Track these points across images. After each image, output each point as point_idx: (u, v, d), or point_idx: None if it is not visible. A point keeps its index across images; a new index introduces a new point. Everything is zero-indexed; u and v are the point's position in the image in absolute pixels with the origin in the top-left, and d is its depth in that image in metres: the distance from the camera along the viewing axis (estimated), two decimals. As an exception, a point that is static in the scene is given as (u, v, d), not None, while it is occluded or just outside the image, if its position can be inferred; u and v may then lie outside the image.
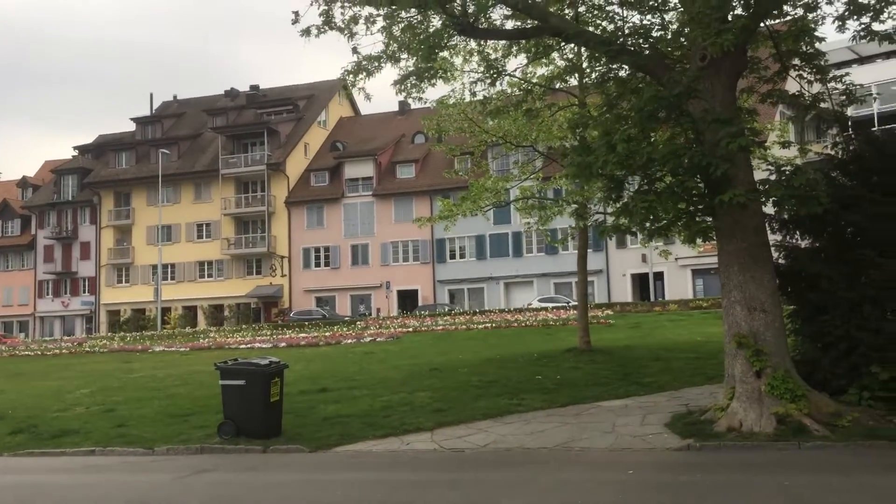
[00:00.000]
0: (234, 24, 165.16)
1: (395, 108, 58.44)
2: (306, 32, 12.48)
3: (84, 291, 60.14)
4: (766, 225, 11.61)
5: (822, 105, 12.13)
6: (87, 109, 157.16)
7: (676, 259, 41.79)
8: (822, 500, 7.15)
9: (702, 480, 8.29)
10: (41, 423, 14.54)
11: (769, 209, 11.53)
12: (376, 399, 14.43)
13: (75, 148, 66.41)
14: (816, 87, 12.22)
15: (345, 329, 33.90)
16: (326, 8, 12.38)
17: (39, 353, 34.02)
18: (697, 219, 11.13)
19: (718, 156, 9.87)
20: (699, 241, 12.13)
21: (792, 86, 12.57)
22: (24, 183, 65.84)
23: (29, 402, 17.58)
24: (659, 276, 45.80)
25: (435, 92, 61.52)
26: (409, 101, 14.13)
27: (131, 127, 64.75)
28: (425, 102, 14.66)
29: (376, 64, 12.38)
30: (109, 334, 48.55)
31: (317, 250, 54.49)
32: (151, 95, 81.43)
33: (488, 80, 14.03)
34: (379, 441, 11.57)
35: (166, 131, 62.62)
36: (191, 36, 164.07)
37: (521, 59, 15.28)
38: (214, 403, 12.76)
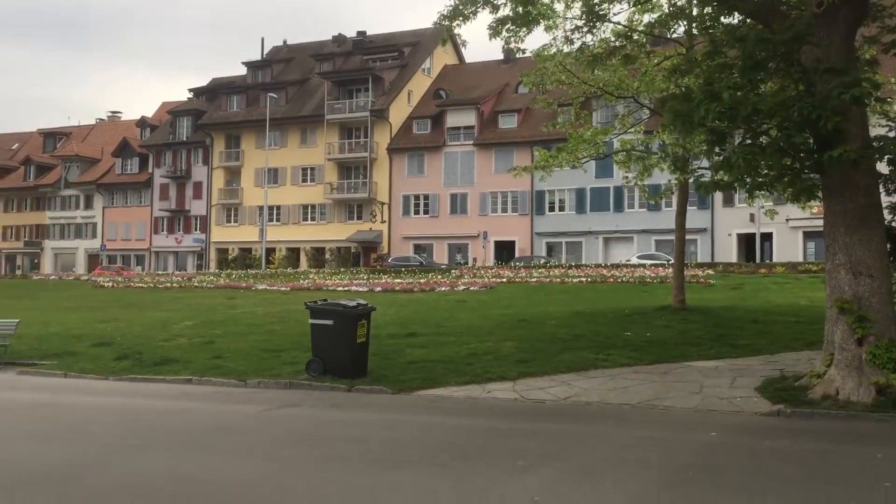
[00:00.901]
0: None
1: (500, 56, 57.66)
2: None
3: (196, 229, 62.72)
4: (880, 185, 10.89)
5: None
6: (203, 52, 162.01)
7: (787, 220, 40.07)
8: (915, 476, 6.75)
9: (787, 447, 7.98)
10: (146, 350, 15.36)
11: (883, 167, 10.80)
12: (462, 346, 14.52)
13: (190, 90, 68.71)
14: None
15: (440, 277, 34.18)
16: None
17: (152, 285, 35.84)
18: (804, 175, 10.55)
19: (830, 108, 9.25)
20: (806, 200, 11.55)
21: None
22: (142, 123, 68.68)
23: (137, 330, 18.58)
24: (767, 237, 44.03)
25: (535, 40, 59.49)
26: (512, 48, 13.84)
27: (243, 71, 66.37)
28: (523, 53, 14.31)
29: (472, 8, 12.13)
30: (217, 271, 50.62)
31: (416, 198, 54.89)
32: (262, 40, 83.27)
33: (587, 28, 13.53)
34: (461, 388, 11.65)
35: (276, 76, 63.87)
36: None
37: (625, 5, 14.68)
38: (307, 342, 13.12)
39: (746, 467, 7.28)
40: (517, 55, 17.62)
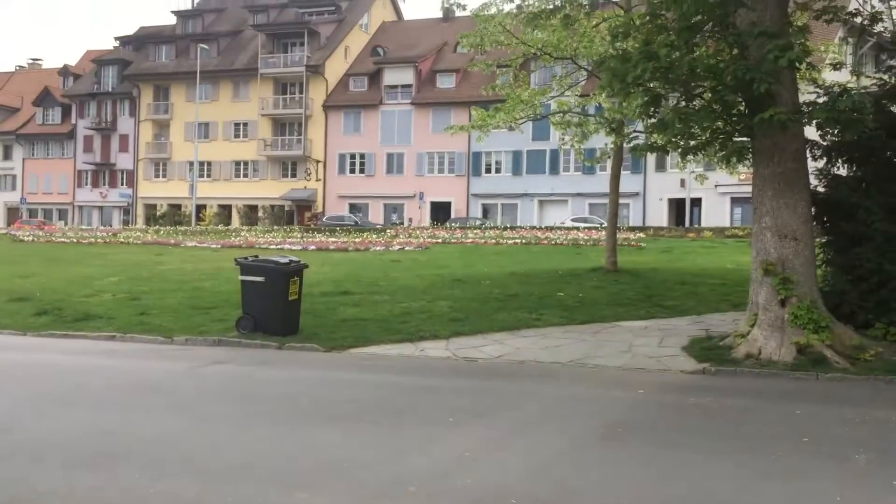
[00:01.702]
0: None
1: (440, 14, 57.00)
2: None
3: (122, 183, 60.85)
4: (807, 151, 11.13)
5: (882, 26, 11.43)
6: (130, 0, 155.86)
7: (716, 186, 40.94)
8: (829, 431, 6.99)
9: (711, 404, 8.17)
10: (67, 306, 14.84)
11: (812, 134, 11.03)
12: (396, 305, 14.45)
13: (117, 39, 66.05)
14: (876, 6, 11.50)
15: (375, 236, 33.97)
16: None
17: (75, 240, 34.66)
18: (735, 139, 10.69)
19: (763, 71, 9.35)
20: (736, 163, 11.75)
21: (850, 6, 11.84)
22: (65, 71, 65.90)
23: (58, 286, 17.92)
24: (697, 202, 45.02)
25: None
26: (452, 6, 13.59)
27: (173, 20, 64.13)
28: (463, 10, 14.08)
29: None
30: (145, 227, 49.31)
31: (352, 156, 54.26)
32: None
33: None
34: (394, 346, 11.59)
35: (207, 26, 61.91)
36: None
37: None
38: (237, 299, 12.86)
39: (672, 423, 7.43)
40: (457, 13, 17.39)
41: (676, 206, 46.48)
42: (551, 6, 15.48)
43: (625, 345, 11.38)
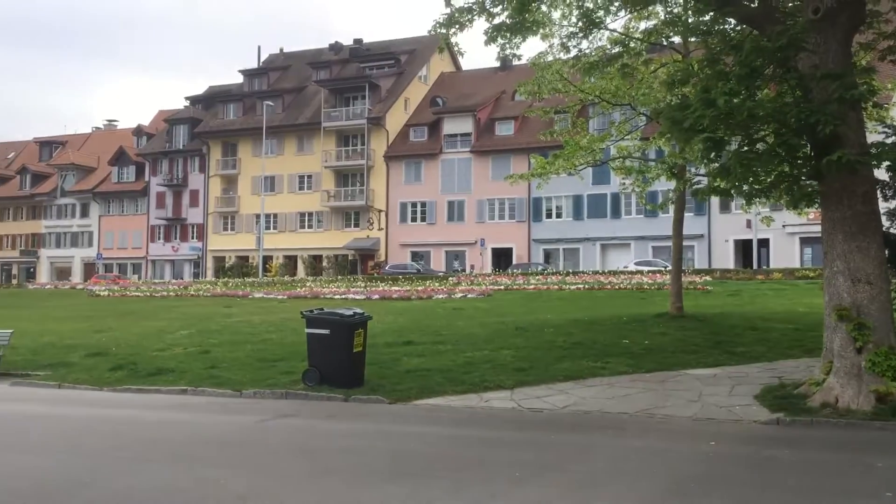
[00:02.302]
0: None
1: (497, 63, 57.66)
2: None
3: (192, 237, 62.62)
4: (878, 192, 10.85)
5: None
6: (200, 61, 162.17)
7: (784, 226, 40.05)
8: (917, 485, 6.69)
9: (788, 456, 7.91)
10: (141, 361, 15.26)
11: (881, 174, 10.76)
12: (460, 355, 14.44)
13: (186, 98, 68.69)
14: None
15: (437, 284, 34.13)
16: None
17: (148, 294, 35.74)
18: (801, 182, 10.50)
19: (828, 113, 9.21)
20: (804, 207, 11.53)
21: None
22: (138, 131, 68.64)
23: (133, 340, 18.47)
24: (764, 242, 44.03)
25: (531, 47, 59.47)
26: (508, 56, 13.74)
27: (239, 79, 66.36)
28: (519, 59, 14.24)
29: (468, 17, 12.10)
30: (214, 279, 50.51)
31: (413, 205, 54.86)
32: (259, 48, 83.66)
33: (582, 35, 13.49)
34: (458, 397, 11.57)
35: (272, 84, 63.89)
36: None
37: (621, 13, 14.64)
38: (303, 351, 13.04)
39: (747, 478, 7.20)
40: (513, 62, 17.58)
41: (743, 248, 45.54)
42: (608, 55, 15.51)
43: (694, 394, 11.13)
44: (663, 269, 37.25)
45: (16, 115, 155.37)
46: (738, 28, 11.82)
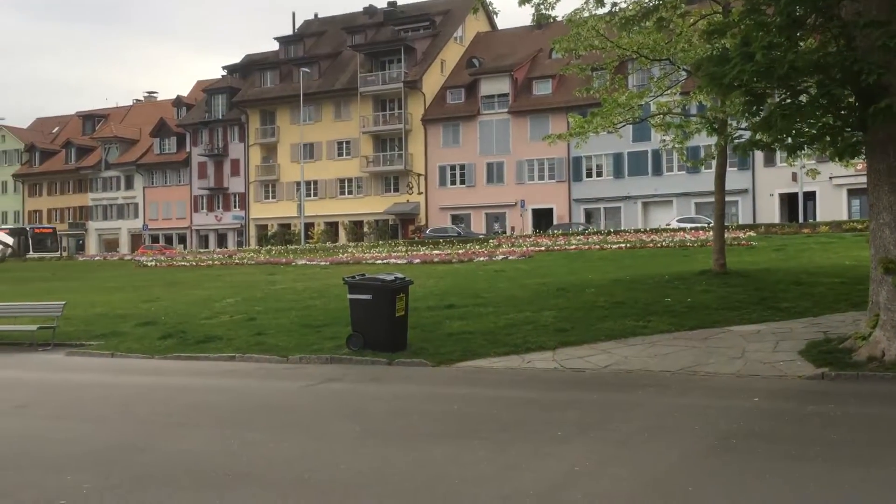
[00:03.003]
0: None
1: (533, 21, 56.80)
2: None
3: (235, 206, 63.44)
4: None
5: None
6: (236, 29, 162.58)
7: (830, 178, 39.24)
8: (965, 439, 6.62)
9: (832, 411, 7.87)
10: (189, 329, 15.62)
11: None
12: (501, 317, 14.51)
13: (224, 68, 69.17)
14: None
15: (478, 247, 34.17)
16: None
17: (194, 263, 36.39)
18: (846, 133, 10.28)
19: (873, 61, 8.97)
20: (849, 158, 11.29)
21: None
22: (178, 102, 69.38)
23: (181, 309, 18.90)
24: (810, 196, 43.21)
25: (565, 5, 58.14)
26: (543, 15, 13.56)
27: (275, 46, 66.49)
28: (554, 20, 14.01)
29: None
30: (257, 247, 51.21)
31: (452, 168, 54.80)
32: (294, 15, 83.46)
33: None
34: (501, 358, 11.67)
35: (308, 50, 63.91)
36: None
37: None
38: (346, 316, 13.23)
39: (790, 433, 7.20)
40: (549, 22, 17.33)
41: (789, 201, 44.74)
42: (644, 8, 15.18)
43: (737, 351, 11.07)
44: (706, 225, 36.78)
45: (58, 89, 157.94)
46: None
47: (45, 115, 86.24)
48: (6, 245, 50.37)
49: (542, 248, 30.76)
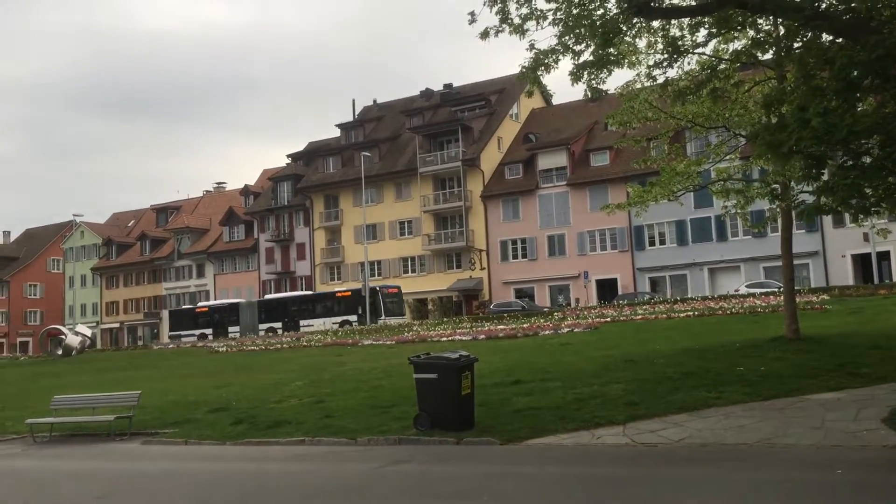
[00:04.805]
0: (424, 24, 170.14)
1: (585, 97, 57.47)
2: (484, 35, 12.57)
3: (301, 288, 64.49)
4: None
5: None
6: (299, 119, 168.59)
7: (904, 236, 38.04)
8: None
9: (921, 483, 7.53)
10: (260, 413, 15.82)
11: None
12: (569, 391, 14.33)
13: (288, 156, 71.39)
14: None
15: (543, 320, 33.92)
16: (502, 5, 12.39)
17: (263, 347, 36.94)
18: (913, 193, 10.09)
19: (934, 122, 8.87)
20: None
21: None
22: (246, 191, 71.74)
23: (251, 394, 19.17)
24: (884, 255, 41.93)
25: (617, 78, 58.61)
26: (595, 90, 13.79)
27: (337, 133, 68.58)
28: (606, 94, 14.25)
29: (553, 57, 12.25)
30: (325, 329, 51.70)
31: (514, 242, 54.99)
32: (353, 102, 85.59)
33: (667, 63, 13.40)
34: (569, 434, 11.50)
35: (368, 135, 65.72)
36: (392, 39, 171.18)
37: (708, 37, 14.44)
38: (413, 396, 13.25)
39: (877, 507, 6.90)
40: (601, 96, 17.60)
41: (862, 262, 43.43)
42: (698, 80, 15.29)
43: (816, 420, 10.69)
44: (777, 290, 35.84)
45: (134, 184, 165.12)
46: (833, 41, 11.53)
47: (121, 210, 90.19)
48: (85, 336, 51.86)
49: (608, 319, 30.37)
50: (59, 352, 48.83)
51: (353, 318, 48.45)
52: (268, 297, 58.31)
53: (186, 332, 55.16)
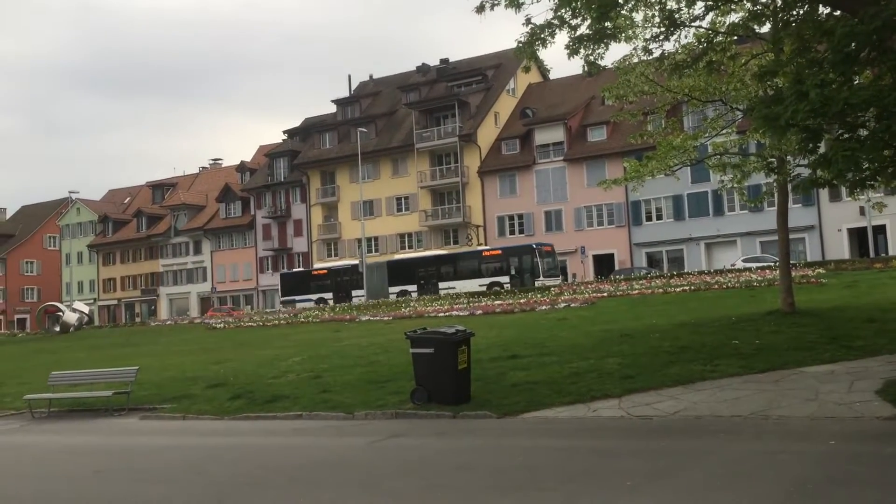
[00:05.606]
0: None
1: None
2: (480, 9, 12.48)
3: (298, 265, 64.53)
4: None
5: None
6: (295, 95, 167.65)
7: (901, 210, 38.05)
8: None
9: (914, 454, 7.59)
10: (257, 389, 15.88)
11: None
12: (565, 365, 14.39)
13: (284, 132, 71.13)
14: None
15: (540, 295, 33.99)
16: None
17: (261, 323, 37.02)
18: (909, 166, 10.08)
19: (931, 94, 8.83)
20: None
21: None
22: (242, 167, 71.52)
23: (249, 369, 19.23)
24: (880, 229, 41.96)
25: (613, 52, 58.65)
26: (592, 64, 13.73)
27: (333, 108, 68.23)
28: (603, 69, 14.18)
29: (550, 31, 12.16)
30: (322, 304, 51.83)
31: (511, 218, 54.97)
32: (349, 77, 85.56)
33: (663, 36, 13.32)
34: (565, 408, 11.57)
35: (364, 110, 65.42)
36: (387, 14, 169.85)
37: (704, 10, 14.35)
38: (410, 371, 13.30)
39: (870, 477, 6.97)
40: (598, 71, 17.50)
41: (858, 236, 43.52)
42: (694, 53, 15.20)
43: (810, 392, 10.76)
44: (773, 264, 35.93)
45: (130, 161, 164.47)
46: (830, 13, 11.46)
47: (117, 187, 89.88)
48: (82, 313, 51.87)
49: (605, 294, 30.43)
50: (57, 328, 48.95)
51: (505, 279, 43.21)
52: (398, 257, 52.45)
53: (301, 297, 50.57)
